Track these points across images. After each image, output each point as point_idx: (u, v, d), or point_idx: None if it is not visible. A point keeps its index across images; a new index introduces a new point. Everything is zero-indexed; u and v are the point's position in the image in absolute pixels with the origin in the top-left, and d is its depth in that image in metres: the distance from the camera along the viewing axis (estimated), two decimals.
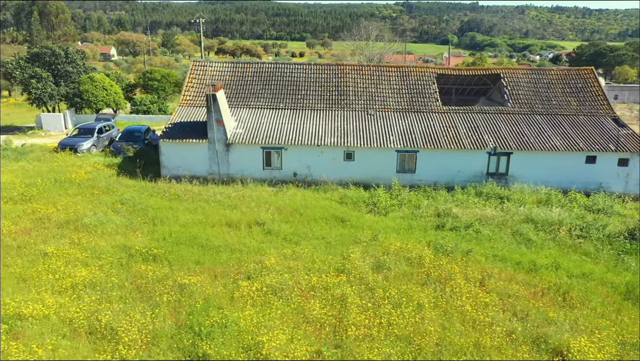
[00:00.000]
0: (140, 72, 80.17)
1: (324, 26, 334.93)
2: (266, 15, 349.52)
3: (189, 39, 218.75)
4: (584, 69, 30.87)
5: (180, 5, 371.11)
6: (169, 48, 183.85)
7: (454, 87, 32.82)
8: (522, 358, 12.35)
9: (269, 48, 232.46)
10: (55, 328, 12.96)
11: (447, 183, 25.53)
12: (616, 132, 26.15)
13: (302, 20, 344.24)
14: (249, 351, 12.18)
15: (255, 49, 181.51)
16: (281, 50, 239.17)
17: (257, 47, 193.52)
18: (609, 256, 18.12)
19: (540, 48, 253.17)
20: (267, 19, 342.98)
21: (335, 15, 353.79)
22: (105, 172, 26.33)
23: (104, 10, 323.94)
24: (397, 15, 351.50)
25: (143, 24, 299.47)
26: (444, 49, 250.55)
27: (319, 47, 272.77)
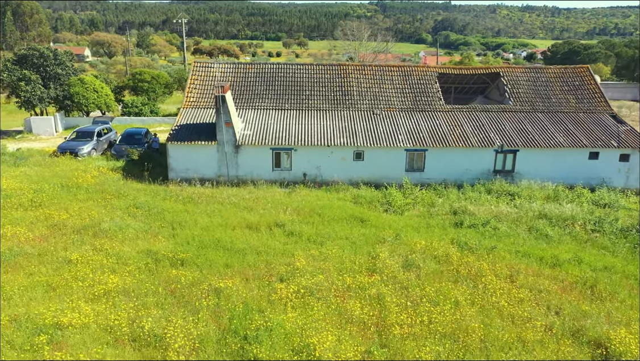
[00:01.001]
0: (119, 73, 78.87)
1: (299, 26, 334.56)
2: (241, 15, 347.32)
3: (164, 39, 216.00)
4: (580, 67, 31.65)
5: (153, 5, 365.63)
6: (144, 48, 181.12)
7: (453, 85, 33.25)
8: (565, 351, 12.63)
9: (245, 48, 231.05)
10: (97, 337, 12.75)
11: (455, 181, 25.87)
12: (616, 129, 26.91)
13: (277, 19, 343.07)
14: (300, 354, 12.17)
15: (233, 49, 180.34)
16: (258, 50, 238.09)
17: (234, 47, 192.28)
18: (625, 249, 18.65)
19: (513, 46, 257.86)
20: (242, 19, 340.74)
21: (311, 14, 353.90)
22: (111, 175, 25.88)
23: (74, 10, 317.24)
24: (372, 15, 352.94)
25: (115, 24, 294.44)
26: (419, 48, 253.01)
27: (296, 46, 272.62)
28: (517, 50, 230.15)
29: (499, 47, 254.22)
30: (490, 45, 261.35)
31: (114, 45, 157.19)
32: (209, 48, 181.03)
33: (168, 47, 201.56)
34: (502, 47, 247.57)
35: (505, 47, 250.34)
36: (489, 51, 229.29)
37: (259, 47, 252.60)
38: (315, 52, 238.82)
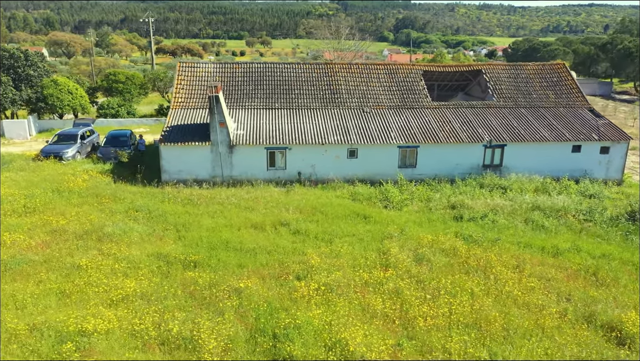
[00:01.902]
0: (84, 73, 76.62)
1: (262, 24, 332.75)
2: (202, 13, 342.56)
3: (124, 39, 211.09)
4: (557, 63, 32.88)
5: (110, 4, 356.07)
6: (103, 48, 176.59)
7: (436, 83, 33.94)
8: (582, 335, 13.24)
9: (208, 47, 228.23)
10: (124, 342, 12.60)
11: (446, 176, 26.49)
12: (595, 122, 28.12)
13: (238, 18, 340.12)
14: (333, 349, 12.33)
15: (196, 49, 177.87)
16: (221, 49, 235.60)
17: (197, 47, 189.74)
18: (618, 237, 19.60)
19: (472, 44, 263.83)
20: (203, 18, 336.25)
21: (273, 13, 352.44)
22: (102, 179, 25.32)
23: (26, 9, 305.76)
24: (334, 13, 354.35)
25: (71, 23, 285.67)
26: (382, 46, 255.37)
27: (259, 45, 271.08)
28: (476, 48, 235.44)
29: (459, 44, 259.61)
30: (450, 43, 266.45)
31: (73, 45, 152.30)
32: (171, 47, 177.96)
33: (129, 46, 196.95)
34: (463, 45, 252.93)
35: (466, 44, 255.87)
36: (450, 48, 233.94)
37: (221, 46, 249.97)
38: (279, 50, 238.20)
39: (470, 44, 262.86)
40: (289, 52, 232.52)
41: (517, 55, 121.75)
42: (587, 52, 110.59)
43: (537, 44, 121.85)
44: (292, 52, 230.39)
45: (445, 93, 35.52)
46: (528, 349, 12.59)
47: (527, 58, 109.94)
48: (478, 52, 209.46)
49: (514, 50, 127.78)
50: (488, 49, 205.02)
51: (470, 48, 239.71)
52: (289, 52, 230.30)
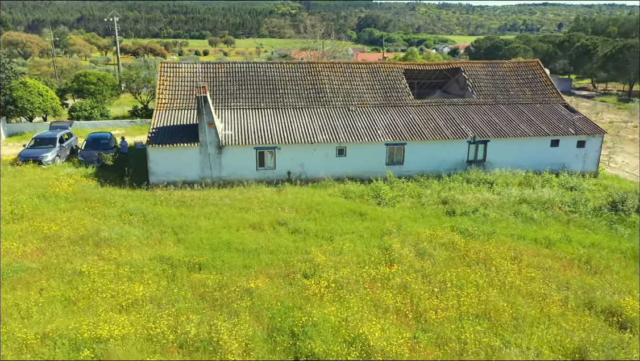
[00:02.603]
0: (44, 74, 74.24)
1: (224, 23, 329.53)
2: (162, 12, 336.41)
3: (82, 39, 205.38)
4: (531, 61, 34.01)
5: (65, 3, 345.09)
6: (61, 48, 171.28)
7: (415, 81, 34.53)
8: (585, 321, 13.86)
9: (170, 47, 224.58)
10: (142, 347, 12.46)
11: (433, 172, 27.06)
12: (570, 117, 29.25)
13: (200, 17, 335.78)
14: (354, 345, 12.51)
15: (159, 49, 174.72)
16: (184, 49, 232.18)
17: (160, 47, 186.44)
18: (603, 227, 20.50)
19: (434, 42, 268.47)
20: (164, 17, 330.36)
21: (235, 12, 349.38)
22: (87, 183, 24.74)
23: None
24: (297, 12, 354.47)
25: (24, 22, 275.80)
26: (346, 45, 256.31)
27: (222, 44, 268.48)
28: (438, 46, 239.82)
29: (421, 42, 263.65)
30: (412, 42, 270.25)
31: (29, 45, 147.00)
32: (132, 47, 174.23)
33: (88, 46, 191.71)
34: (424, 43, 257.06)
35: (427, 42, 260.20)
36: (413, 47, 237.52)
37: (184, 46, 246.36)
38: (243, 50, 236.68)
39: (432, 42, 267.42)
40: (253, 51, 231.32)
41: (480, 53, 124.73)
42: (545, 50, 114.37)
43: (498, 42, 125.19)
44: (257, 52, 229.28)
45: (423, 91, 36.20)
46: (538, 336, 13.09)
47: (490, 56, 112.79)
48: (440, 50, 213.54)
49: (477, 49, 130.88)
50: (449, 47, 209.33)
51: (432, 46, 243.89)
52: (253, 52, 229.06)
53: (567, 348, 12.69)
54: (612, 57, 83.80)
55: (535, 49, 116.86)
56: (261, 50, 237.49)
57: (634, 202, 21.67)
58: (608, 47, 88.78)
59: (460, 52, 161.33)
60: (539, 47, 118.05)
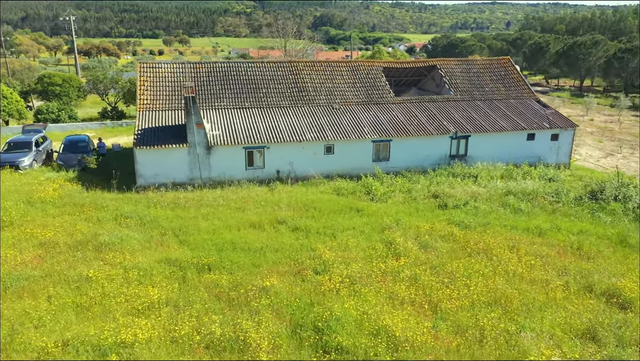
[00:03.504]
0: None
1: (177, 22, 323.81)
2: (112, 11, 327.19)
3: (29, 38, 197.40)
4: (503, 58, 35.26)
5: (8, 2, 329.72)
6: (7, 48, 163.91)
7: (392, 79, 35.15)
8: (588, 303, 14.67)
9: (123, 46, 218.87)
10: (169, 349, 12.40)
11: (417, 167, 27.73)
12: (544, 112, 30.58)
13: (152, 16, 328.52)
14: (378, 336, 12.82)
15: (113, 49, 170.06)
16: (137, 48, 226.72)
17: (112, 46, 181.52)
18: (586, 215, 21.62)
19: (390, 40, 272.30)
20: (114, 16, 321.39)
21: (188, 11, 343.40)
22: (72, 187, 24.03)
23: None
24: (252, 11, 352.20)
25: None
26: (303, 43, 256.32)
27: (177, 44, 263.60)
28: (394, 44, 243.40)
29: (377, 41, 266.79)
30: (368, 40, 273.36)
31: None
32: (84, 47, 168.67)
33: (36, 46, 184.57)
34: (380, 41, 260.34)
35: (383, 41, 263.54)
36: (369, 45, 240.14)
37: (137, 45, 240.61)
38: (199, 49, 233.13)
39: (388, 40, 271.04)
40: (210, 50, 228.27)
41: (437, 51, 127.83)
42: (499, 47, 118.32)
43: (454, 40, 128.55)
44: (214, 51, 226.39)
45: (399, 88, 36.88)
46: (549, 320, 13.78)
47: (447, 53, 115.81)
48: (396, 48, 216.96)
49: (434, 47, 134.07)
50: (406, 46, 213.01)
51: (388, 45, 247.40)
52: (210, 51, 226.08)
53: (577, 329, 13.42)
54: (564, 54, 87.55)
55: (490, 46, 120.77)
56: (218, 50, 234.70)
57: (612, 191, 22.92)
58: (559, 45, 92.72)
59: (417, 50, 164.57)
60: (494, 44, 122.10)
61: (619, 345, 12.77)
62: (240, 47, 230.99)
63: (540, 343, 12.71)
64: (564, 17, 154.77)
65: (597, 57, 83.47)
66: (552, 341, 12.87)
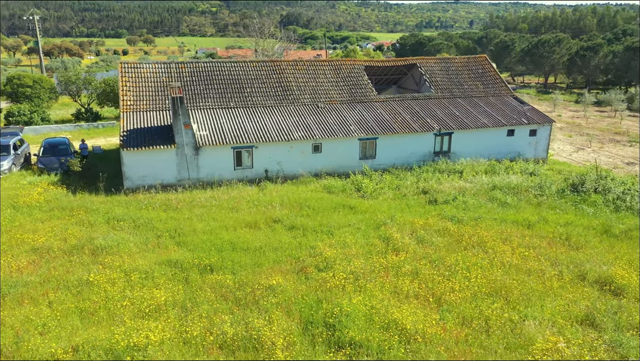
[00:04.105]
0: None
1: (141, 22, 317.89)
2: (72, 10, 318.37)
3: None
4: (480, 56, 36.09)
5: None
6: None
7: (373, 77, 35.54)
8: (584, 291, 15.29)
9: (85, 46, 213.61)
10: (184, 351, 12.37)
11: (403, 164, 28.18)
12: (521, 108, 31.49)
13: (115, 15, 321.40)
14: (389, 330, 13.07)
15: (75, 49, 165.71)
16: (100, 48, 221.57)
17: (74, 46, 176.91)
18: (570, 207, 22.43)
19: (357, 39, 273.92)
20: (74, 15, 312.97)
21: (152, 10, 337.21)
22: (57, 191, 23.46)
23: None
24: (217, 10, 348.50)
25: None
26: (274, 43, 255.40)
27: (142, 43, 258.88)
28: (362, 43, 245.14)
29: (343, 40, 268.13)
30: (336, 39, 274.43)
31: None
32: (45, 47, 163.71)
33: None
34: (348, 40, 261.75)
35: (350, 40, 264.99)
36: (336, 44, 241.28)
37: (100, 45, 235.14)
38: (164, 48, 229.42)
39: (355, 39, 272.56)
40: (176, 50, 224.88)
41: (406, 50, 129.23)
42: (466, 46, 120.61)
43: (422, 39, 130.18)
44: (180, 50, 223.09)
45: (378, 87, 37.29)
46: (549, 308, 14.31)
47: (415, 52, 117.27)
48: (363, 47, 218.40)
49: (402, 45, 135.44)
50: (373, 44, 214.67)
51: (355, 43, 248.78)
52: (176, 51, 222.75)
53: (576, 316, 13.97)
54: (529, 52, 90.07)
55: (456, 45, 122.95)
56: (184, 49, 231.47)
57: (592, 184, 23.84)
58: (525, 43, 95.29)
59: (385, 49, 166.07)
60: (460, 43, 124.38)
61: (616, 329, 13.36)
62: (207, 46, 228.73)
63: (544, 331, 13.19)
64: (526, 16, 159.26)
65: (560, 54, 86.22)
66: (555, 329, 13.37)
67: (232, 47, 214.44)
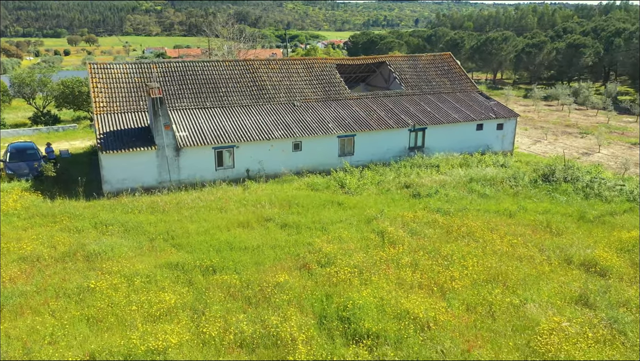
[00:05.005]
0: None
1: (82, 21, 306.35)
2: (6, 9, 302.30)
3: None
4: (444, 54, 37.21)
5: None
6: None
7: (343, 75, 35.93)
8: (573, 274, 16.25)
9: (23, 46, 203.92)
10: (205, 352, 12.31)
11: (380, 160, 28.76)
12: (488, 103, 32.77)
13: (53, 14, 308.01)
14: (403, 320, 13.48)
15: (14, 50, 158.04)
16: (39, 48, 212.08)
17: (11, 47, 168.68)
18: (544, 196, 23.63)
19: (306, 38, 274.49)
20: (8, 14, 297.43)
21: (93, 8, 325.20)
22: (31, 197, 22.51)
23: None
24: (162, 9, 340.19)
25: None
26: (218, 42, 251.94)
27: (84, 43, 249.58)
28: (311, 41, 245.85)
29: (293, 38, 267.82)
30: (285, 38, 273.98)
31: None
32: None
33: None
34: (297, 39, 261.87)
35: (300, 38, 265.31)
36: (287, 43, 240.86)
37: (39, 45, 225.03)
38: (108, 48, 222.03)
39: (304, 38, 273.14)
40: (121, 50, 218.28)
41: (358, 48, 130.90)
42: (416, 44, 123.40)
43: (374, 37, 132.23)
44: (125, 50, 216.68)
45: (347, 85, 37.74)
46: (546, 291, 15.14)
47: (367, 51, 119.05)
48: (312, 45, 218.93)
49: (354, 44, 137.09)
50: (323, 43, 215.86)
51: (305, 42, 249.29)
52: (122, 50, 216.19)
53: (572, 297, 14.86)
54: (478, 49, 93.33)
55: (407, 42, 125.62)
56: (130, 49, 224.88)
57: (561, 173, 25.19)
58: (473, 41, 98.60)
59: (336, 48, 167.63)
60: (411, 41, 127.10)
61: (609, 307, 14.32)
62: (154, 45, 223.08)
63: (546, 312, 13.97)
64: (471, 14, 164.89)
65: (507, 52, 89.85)
66: (555, 309, 14.18)
67: (180, 46, 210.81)
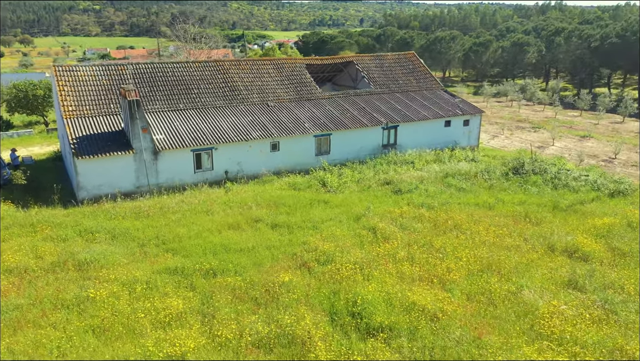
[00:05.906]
0: None
1: (14, 20, 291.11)
2: None
3: None
4: (408, 53, 38.10)
5: None
6: None
7: (312, 75, 36.08)
8: (558, 260, 17.20)
9: None
10: (222, 353, 12.28)
11: (355, 158, 29.18)
12: (454, 101, 33.87)
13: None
14: (411, 312, 13.88)
15: None
16: None
17: None
18: (517, 188, 24.74)
19: (253, 38, 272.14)
20: None
21: (26, 8, 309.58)
22: (4, 207, 21.41)
23: None
24: (101, 8, 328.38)
25: None
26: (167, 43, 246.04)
27: (18, 44, 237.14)
28: (259, 41, 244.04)
29: (240, 38, 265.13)
30: (232, 38, 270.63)
31: None
32: None
33: None
34: (245, 39, 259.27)
35: (247, 38, 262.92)
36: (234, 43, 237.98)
37: None
38: (46, 49, 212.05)
39: (251, 37, 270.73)
40: (60, 51, 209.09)
41: (309, 48, 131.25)
42: (366, 43, 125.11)
43: (324, 37, 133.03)
44: (64, 51, 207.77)
45: None
46: (538, 277, 15.96)
47: (318, 50, 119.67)
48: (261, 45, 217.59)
49: (305, 43, 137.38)
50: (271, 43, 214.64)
51: (253, 42, 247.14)
52: (60, 52, 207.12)
53: (562, 282, 15.75)
54: (427, 48, 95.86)
55: (357, 42, 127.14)
56: (69, 50, 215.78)
57: (530, 166, 26.45)
58: (423, 40, 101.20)
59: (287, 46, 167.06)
60: (361, 40, 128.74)
61: (598, 289, 15.28)
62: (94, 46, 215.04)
63: (542, 297, 14.75)
64: (416, 14, 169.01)
65: (455, 50, 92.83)
66: (551, 294, 14.99)
67: (124, 46, 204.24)
